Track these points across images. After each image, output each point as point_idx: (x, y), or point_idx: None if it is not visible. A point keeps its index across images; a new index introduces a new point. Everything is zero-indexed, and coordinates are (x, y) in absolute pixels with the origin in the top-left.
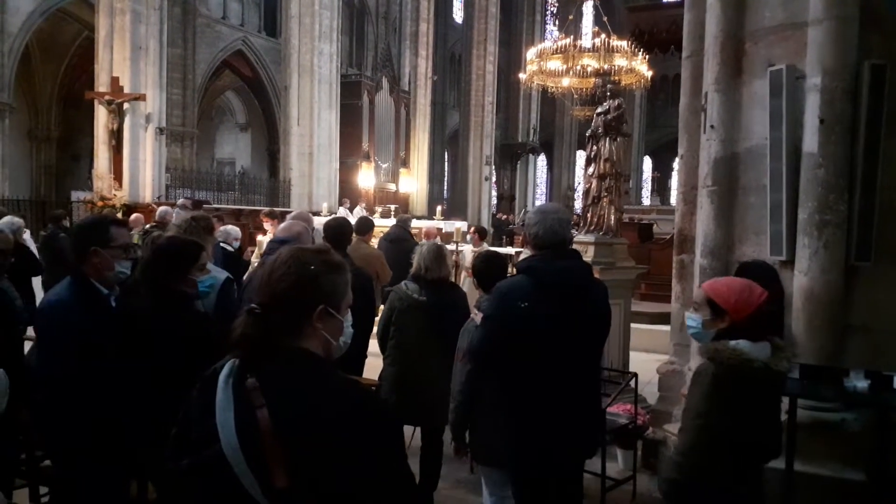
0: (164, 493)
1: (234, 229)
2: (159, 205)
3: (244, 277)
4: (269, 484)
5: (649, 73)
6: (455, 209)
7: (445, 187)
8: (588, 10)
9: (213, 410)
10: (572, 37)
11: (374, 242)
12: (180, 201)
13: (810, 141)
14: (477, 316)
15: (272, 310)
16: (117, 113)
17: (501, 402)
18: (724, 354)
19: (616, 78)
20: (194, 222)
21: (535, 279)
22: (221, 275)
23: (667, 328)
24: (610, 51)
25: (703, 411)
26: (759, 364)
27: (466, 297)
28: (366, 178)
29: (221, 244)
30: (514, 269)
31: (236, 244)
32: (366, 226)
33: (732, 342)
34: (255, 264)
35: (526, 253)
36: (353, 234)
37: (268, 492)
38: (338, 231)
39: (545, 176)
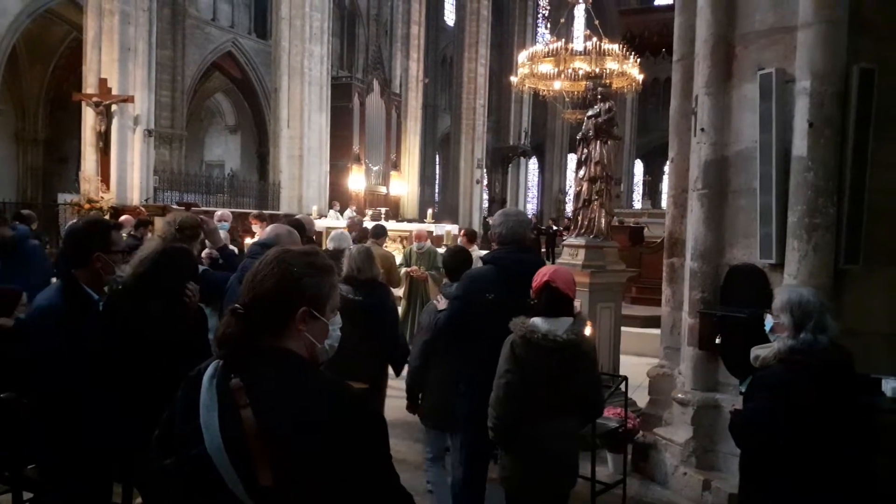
0: (150, 498)
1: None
2: (147, 207)
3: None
4: (253, 483)
5: (640, 77)
6: (446, 212)
7: (436, 190)
8: (580, 14)
9: (197, 410)
10: (564, 40)
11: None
12: None
13: (800, 144)
14: (440, 301)
15: (254, 310)
16: (105, 115)
17: (461, 372)
18: (517, 326)
19: (607, 81)
20: (180, 233)
21: (498, 268)
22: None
23: (657, 332)
24: (601, 54)
25: (502, 371)
26: (538, 333)
27: (392, 294)
28: (356, 180)
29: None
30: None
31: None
32: (381, 230)
33: (531, 319)
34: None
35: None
36: (369, 238)
37: (252, 491)
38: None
39: (536, 179)
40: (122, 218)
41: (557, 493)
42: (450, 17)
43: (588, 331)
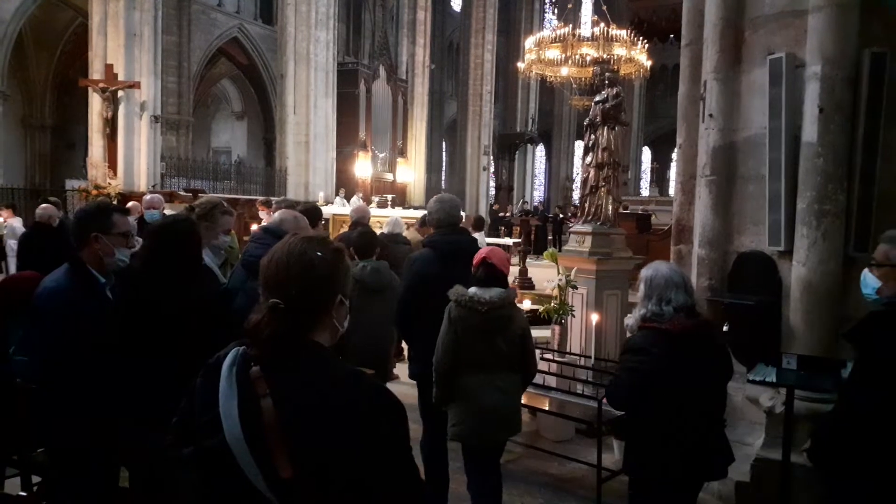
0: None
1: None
2: (154, 193)
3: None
4: (272, 474)
5: (648, 63)
6: None
7: (443, 177)
8: None
9: (216, 399)
10: (571, 25)
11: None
12: None
13: (809, 130)
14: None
15: (298, 306)
16: (111, 101)
17: (413, 340)
18: (453, 294)
19: (615, 67)
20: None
21: (434, 249)
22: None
23: None
24: (609, 40)
25: (442, 332)
26: (466, 297)
27: None
28: (363, 167)
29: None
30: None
31: None
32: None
33: (468, 288)
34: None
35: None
36: (416, 226)
37: (271, 482)
38: (309, 216)
39: (543, 166)
40: (130, 204)
41: (494, 439)
42: (456, 3)
43: (595, 318)
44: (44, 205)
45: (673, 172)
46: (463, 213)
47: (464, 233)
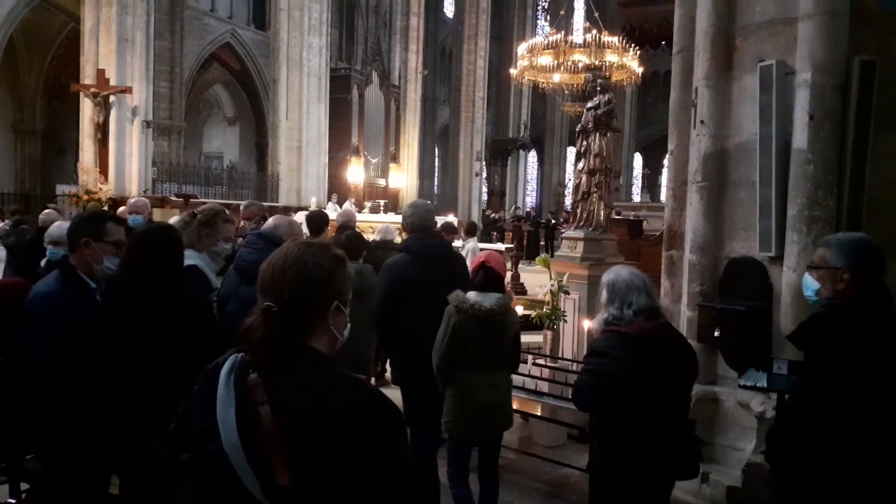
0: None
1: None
2: (139, 197)
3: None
4: (270, 482)
5: (640, 70)
6: (445, 205)
7: (436, 183)
8: (579, 6)
9: (213, 406)
10: (563, 32)
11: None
12: None
13: (800, 137)
14: None
15: (291, 310)
16: (103, 106)
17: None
18: (453, 298)
19: (607, 74)
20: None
21: (410, 253)
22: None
23: None
24: (601, 46)
25: (440, 332)
26: (468, 304)
27: None
28: (355, 173)
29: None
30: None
31: None
32: (450, 227)
33: (467, 293)
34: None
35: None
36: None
37: (268, 490)
38: (316, 222)
39: (536, 172)
40: (120, 210)
41: (490, 433)
42: (449, 9)
43: (587, 324)
44: (47, 210)
45: (664, 178)
46: (455, 219)
47: (437, 237)
